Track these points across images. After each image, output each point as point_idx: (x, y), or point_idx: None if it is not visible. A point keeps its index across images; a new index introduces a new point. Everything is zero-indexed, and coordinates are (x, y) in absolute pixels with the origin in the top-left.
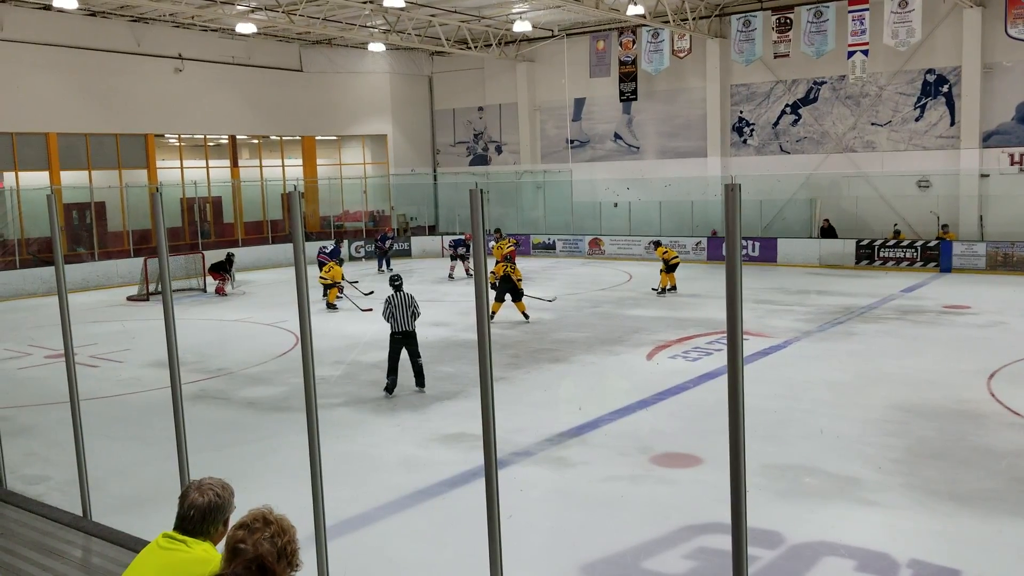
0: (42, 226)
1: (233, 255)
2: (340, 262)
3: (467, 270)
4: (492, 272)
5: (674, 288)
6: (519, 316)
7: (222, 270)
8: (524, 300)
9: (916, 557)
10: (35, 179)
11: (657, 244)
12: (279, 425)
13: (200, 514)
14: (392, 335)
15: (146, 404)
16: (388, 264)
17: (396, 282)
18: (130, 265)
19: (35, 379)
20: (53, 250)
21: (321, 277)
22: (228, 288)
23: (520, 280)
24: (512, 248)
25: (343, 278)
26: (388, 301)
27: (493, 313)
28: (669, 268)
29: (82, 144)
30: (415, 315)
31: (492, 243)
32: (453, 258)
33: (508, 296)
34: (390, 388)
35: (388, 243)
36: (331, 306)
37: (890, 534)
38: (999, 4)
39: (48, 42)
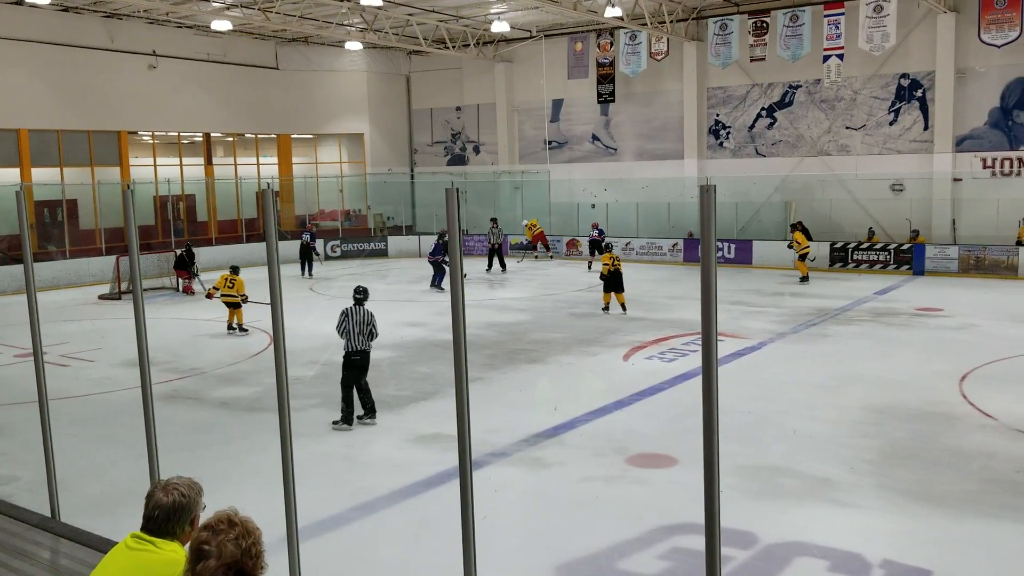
0: (12, 223)
1: (192, 247)
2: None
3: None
4: (604, 264)
5: (805, 278)
6: (493, 318)
7: (185, 267)
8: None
9: (888, 557)
10: (5, 176)
11: (795, 227)
12: (252, 426)
13: (165, 514)
14: (345, 356)
15: (117, 404)
16: (311, 269)
17: (358, 295)
18: (102, 263)
19: (4, 378)
20: (22, 248)
21: (223, 294)
22: (196, 286)
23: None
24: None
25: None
26: (344, 314)
27: (607, 305)
28: (800, 256)
29: (54, 141)
30: (372, 335)
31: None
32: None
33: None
34: (347, 419)
35: (313, 241)
36: (238, 328)
37: (863, 534)
38: (973, 10)
39: (20, 37)
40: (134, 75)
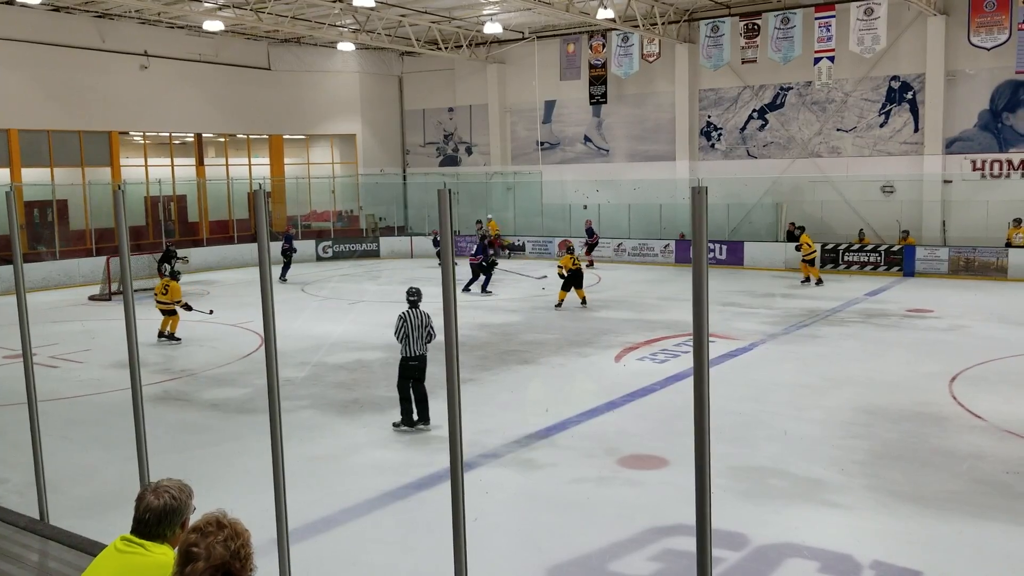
0: (1, 224)
1: (171, 248)
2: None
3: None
4: (560, 265)
5: (814, 280)
6: (484, 319)
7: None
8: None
9: (878, 558)
10: None
11: (802, 229)
12: (243, 427)
13: (156, 517)
14: (403, 360)
15: (107, 405)
16: (285, 274)
17: (413, 296)
18: (92, 264)
19: None
20: (12, 248)
21: (157, 300)
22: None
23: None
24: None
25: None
26: (402, 318)
27: (562, 302)
28: (809, 260)
29: (44, 141)
30: (430, 337)
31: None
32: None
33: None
34: (408, 421)
35: (291, 245)
36: (171, 337)
37: (853, 535)
38: (962, 12)
39: (11, 37)
40: (125, 75)
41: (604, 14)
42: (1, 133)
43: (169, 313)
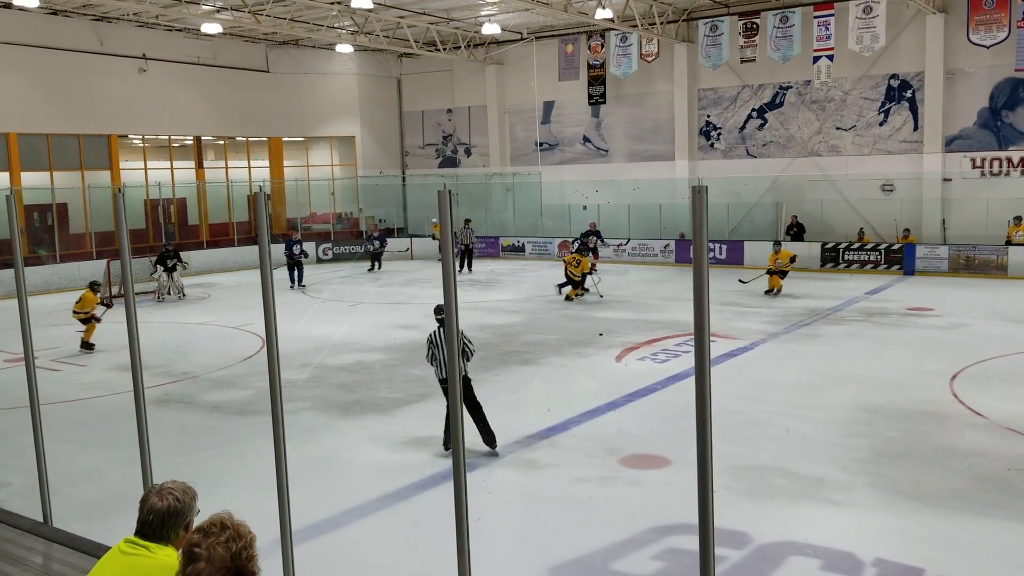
0: (1, 228)
1: (171, 247)
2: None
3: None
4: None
5: (776, 289)
6: (485, 319)
7: (166, 269)
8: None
9: (881, 556)
10: None
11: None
12: (245, 429)
13: (160, 519)
14: (440, 383)
15: (109, 408)
16: (300, 279)
17: (441, 315)
18: (93, 267)
19: None
20: (13, 252)
21: (73, 310)
22: (166, 291)
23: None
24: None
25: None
26: (430, 340)
27: (570, 297)
28: (772, 271)
29: (43, 144)
30: (467, 356)
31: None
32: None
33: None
34: (489, 440)
35: (298, 249)
36: (87, 346)
37: (855, 533)
38: (961, 10)
39: (9, 41)
40: (124, 78)
41: (602, 14)
42: (0, 137)
43: (85, 322)
